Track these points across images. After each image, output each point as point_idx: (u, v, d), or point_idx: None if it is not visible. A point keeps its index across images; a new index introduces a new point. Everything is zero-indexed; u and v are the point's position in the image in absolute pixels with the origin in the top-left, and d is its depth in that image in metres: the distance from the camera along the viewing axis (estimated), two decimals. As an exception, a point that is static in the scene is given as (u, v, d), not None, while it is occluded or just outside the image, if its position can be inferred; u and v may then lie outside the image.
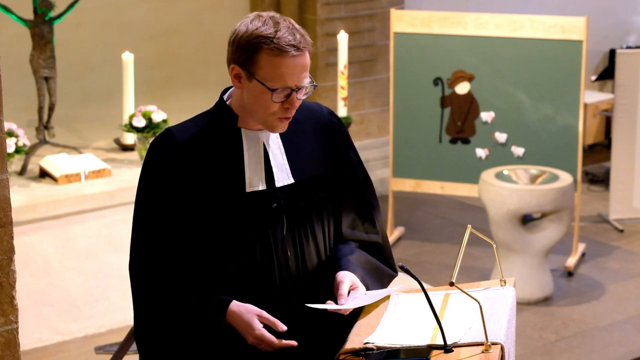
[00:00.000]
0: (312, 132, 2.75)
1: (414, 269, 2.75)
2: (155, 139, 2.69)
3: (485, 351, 2.43)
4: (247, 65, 2.57)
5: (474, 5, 7.94)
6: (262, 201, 2.65)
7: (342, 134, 2.81)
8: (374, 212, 2.85)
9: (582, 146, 6.20)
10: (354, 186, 2.81)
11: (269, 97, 2.55)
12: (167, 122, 5.63)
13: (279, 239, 2.66)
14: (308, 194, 2.70)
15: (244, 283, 2.64)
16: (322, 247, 2.73)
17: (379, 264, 2.84)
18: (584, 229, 6.70)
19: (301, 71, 2.56)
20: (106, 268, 5.27)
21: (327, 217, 2.75)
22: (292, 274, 2.68)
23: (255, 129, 2.66)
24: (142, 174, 2.69)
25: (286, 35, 2.54)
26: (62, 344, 5.14)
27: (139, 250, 2.65)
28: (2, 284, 2.14)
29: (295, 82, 2.55)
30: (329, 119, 2.80)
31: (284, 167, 2.68)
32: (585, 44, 6.00)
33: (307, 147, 2.73)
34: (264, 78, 2.55)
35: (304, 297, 2.68)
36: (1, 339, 2.15)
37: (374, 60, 7.38)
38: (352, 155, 2.82)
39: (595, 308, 5.59)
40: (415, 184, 6.51)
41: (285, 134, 2.69)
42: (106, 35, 6.65)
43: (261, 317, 2.58)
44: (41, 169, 5.45)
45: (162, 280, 2.62)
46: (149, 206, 2.64)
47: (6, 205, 2.15)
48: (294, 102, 2.57)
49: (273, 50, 2.52)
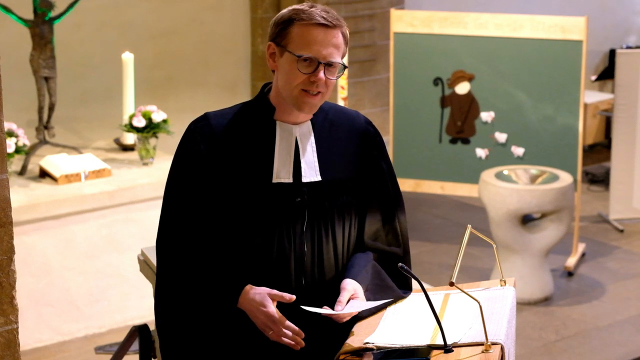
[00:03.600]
0: (346, 137, 2.77)
1: (414, 269, 2.75)
2: (192, 122, 2.74)
3: (485, 351, 2.43)
4: (280, 39, 2.64)
5: (474, 5, 7.94)
6: (287, 194, 2.67)
7: (377, 143, 2.83)
8: (398, 226, 2.85)
9: (582, 146, 6.20)
10: (383, 197, 2.82)
11: (297, 68, 2.60)
12: (167, 122, 5.63)
13: (298, 233, 2.68)
14: (333, 194, 2.72)
15: (259, 272, 2.66)
16: (341, 250, 2.74)
17: (392, 284, 2.81)
18: (584, 229, 6.70)
19: (330, 45, 2.62)
20: (106, 268, 5.27)
21: (349, 221, 2.75)
22: (307, 271, 2.69)
23: (290, 122, 2.69)
24: (177, 154, 2.73)
25: (319, 11, 2.63)
26: (62, 344, 5.14)
27: (166, 228, 2.70)
28: (2, 284, 2.14)
29: (324, 55, 2.61)
30: (365, 127, 2.82)
31: (313, 164, 2.71)
32: (585, 44, 6.00)
33: (338, 149, 2.75)
34: (294, 48, 2.61)
35: (316, 296, 2.69)
36: (1, 339, 2.16)
37: (374, 60, 7.38)
38: (384, 165, 2.83)
39: (595, 308, 5.59)
40: (415, 184, 6.51)
41: (319, 133, 2.72)
42: (106, 35, 6.65)
43: (271, 294, 2.61)
44: (41, 169, 5.45)
45: (186, 259, 2.67)
46: (180, 186, 2.69)
47: (6, 205, 2.15)
48: (320, 76, 2.61)
49: (304, 20, 2.61)
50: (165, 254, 2.71)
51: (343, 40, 2.66)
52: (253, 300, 2.61)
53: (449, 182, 6.44)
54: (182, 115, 2.85)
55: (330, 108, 2.79)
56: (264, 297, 2.60)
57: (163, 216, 2.73)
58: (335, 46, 2.62)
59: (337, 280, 2.71)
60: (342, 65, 2.66)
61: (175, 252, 2.69)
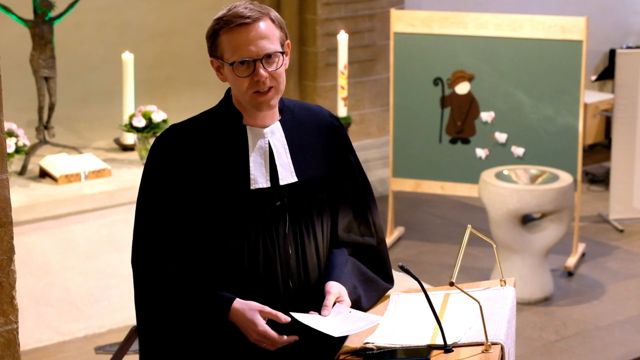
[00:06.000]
0: (314, 133, 2.76)
1: (414, 269, 2.75)
2: (159, 135, 2.70)
3: (485, 351, 2.43)
4: (215, 52, 2.61)
5: (474, 5, 7.94)
6: (266, 199, 2.65)
7: (343, 137, 2.82)
8: (370, 216, 2.85)
9: (582, 146, 6.20)
10: (353, 189, 2.82)
11: (237, 74, 2.57)
12: (167, 122, 5.63)
13: (282, 236, 2.67)
14: (310, 193, 2.71)
15: (246, 280, 2.64)
16: (321, 247, 2.74)
17: (374, 276, 2.83)
18: (584, 229, 6.70)
19: (258, 39, 2.56)
20: (106, 268, 5.26)
21: (327, 218, 2.76)
22: (293, 273, 2.68)
23: (259, 125, 2.67)
24: (146, 169, 2.70)
25: (238, 10, 2.57)
26: (62, 344, 5.13)
27: (142, 246, 2.66)
28: (2, 284, 2.14)
29: (255, 51, 2.56)
30: (330, 121, 2.81)
31: (288, 166, 2.69)
32: (585, 44, 6.00)
33: (309, 147, 2.74)
34: (227, 57, 2.58)
35: (303, 298, 2.68)
36: (1, 339, 2.15)
37: (374, 60, 7.38)
38: (351, 158, 2.82)
39: (595, 308, 5.59)
40: (415, 184, 6.51)
41: (290, 133, 2.70)
42: (106, 35, 6.65)
43: (263, 312, 2.58)
44: (41, 169, 5.45)
45: (165, 276, 2.62)
46: (153, 201, 2.65)
47: (6, 205, 2.15)
48: (262, 73, 2.56)
49: (225, 27, 2.56)
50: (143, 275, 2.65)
51: (274, 26, 2.60)
52: (244, 317, 2.58)
53: (449, 182, 6.44)
54: (182, 115, 2.83)
55: (295, 106, 2.78)
56: (254, 316, 2.57)
57: (138, 236, 2.68)
58: (263, 37, 2.56)
59: (321, 280, 2.72)
60: (280, 53, 2.60)
61: (154, 271, 2.63)
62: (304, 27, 7.11)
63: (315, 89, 7.19)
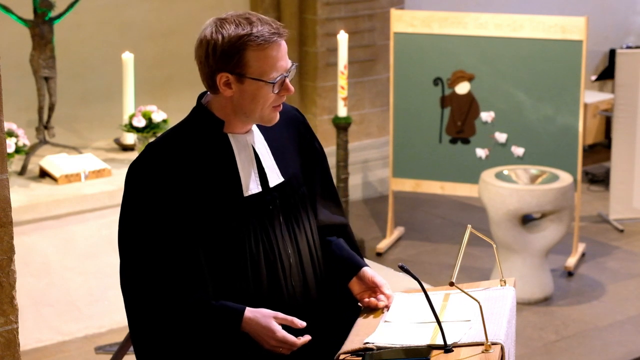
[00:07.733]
0: (285, 129, 2.78)
1: (414, 269, 2.75)
2: (137, 157, 2.63)
3: (485, 351, 2.43)
4: (236, 69, 2.55)
5: (474, 5, 7.94)
6: (261, 203, 2.66)
7: (307, 126, 2.86)
8: (337, 195, 2.93)
9: (582, 146, 6.20)
10: (322, 174, 2.87)
11: (269, 90, 2.56)
12: (167, 122, 5.63)
13: (279, 237, 2.67)
14: (295, 189, 2.74)
15: (251, 288, 2.63)
16: (312, 240, 2.77)
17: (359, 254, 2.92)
18: (584, 229, 6.70)
19: (285, 54, 2.59)
20: (106, 268, 5.26)
21: (310, 209, 2.80)
22: (293, 272, 2.69)
23: (241, 132, 2.66)
24: (128, 195, 2.62)
25: (264, 27, 2.55)
26: (62, 344, 5.13)
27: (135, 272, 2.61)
28: (2, 284, 2.14)
29: (286, 67, 2.59)
30: (294, 113, 2.84)
31: (273, 167, 2.70)
32: (585, 44, 6.00)
33: (284, 144, 2.76)
34: (259, 74, 2.55)
35: (303, 298, 2.69)
36: (1, 339, 2.15)
37: (374, 60, 7.38)
38: (317, 145, 2.87)
39: (595, 308, 5.59)
40: (415, 184, 6.51)
41: (267, 134, 2.71)
42: (106, 35, 6.65)
43: (277, 318, 2.58)
44: (41, 169, 5.45)
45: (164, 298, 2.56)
46: (141, 225, 2.59)
47: (6, 205, 2.14)
48: (289, 86, 2.60)
49: (261, 44, 2.53)
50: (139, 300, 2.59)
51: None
52: (258, 325, 2.56)
53: (449, 182, 6.44)
54: (182, 116, 2.82)
55: None
56: (270, 323, 2.56)
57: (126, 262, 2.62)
58: (286, 50, 2.61)
59: (316, 273, 2.74)
60: (294, 64, 2.63)
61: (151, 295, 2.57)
62: (304, 27, 7.11)
63: (315, 89, 7.19)
